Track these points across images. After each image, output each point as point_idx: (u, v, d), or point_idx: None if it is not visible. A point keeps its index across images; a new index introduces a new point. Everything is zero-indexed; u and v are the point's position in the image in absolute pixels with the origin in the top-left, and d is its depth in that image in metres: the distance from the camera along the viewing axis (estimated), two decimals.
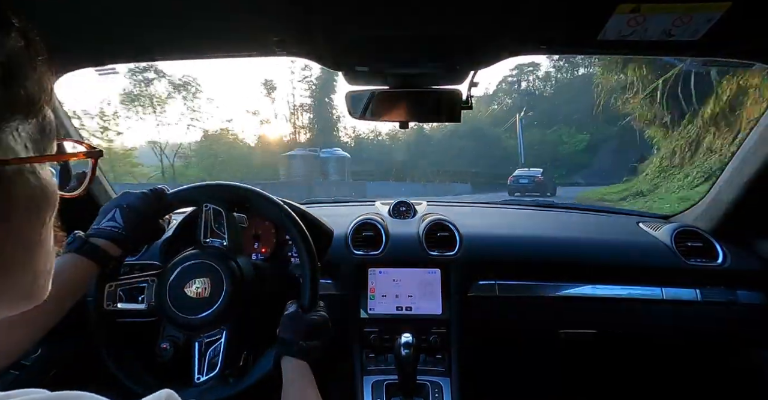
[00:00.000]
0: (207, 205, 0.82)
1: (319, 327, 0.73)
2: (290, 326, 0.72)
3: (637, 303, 1.13)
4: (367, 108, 0.97)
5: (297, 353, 0.69)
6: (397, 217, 1.37)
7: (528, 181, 15.59)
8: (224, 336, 0.75)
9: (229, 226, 0.82)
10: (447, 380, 1.05)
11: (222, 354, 0.74)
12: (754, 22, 0.68)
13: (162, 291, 0.77)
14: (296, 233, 0.81)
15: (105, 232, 0.71)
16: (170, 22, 0.71)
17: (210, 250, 0.81)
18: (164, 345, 0.76)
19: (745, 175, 1.08)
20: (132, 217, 0.74)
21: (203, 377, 0.74)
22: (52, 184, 0.30)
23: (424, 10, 0.67)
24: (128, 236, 0.73)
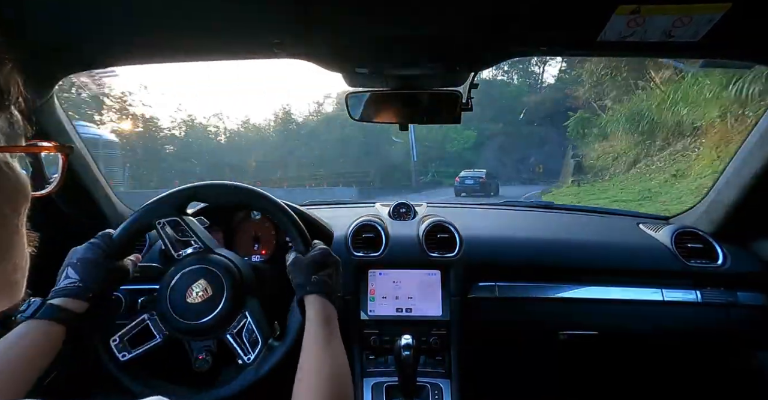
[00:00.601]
0: (159, 222, 0.81)
1: (323, 259, 0.76)
2: (295, 270, 0.75)
3: (637, 305, 1.13)
4: (367, 109, 0.97)
5: (311, 289, 0.71)
6: (397, 218, 1.37)
7: (473, 182, 16.15)
8: (249, 317, 0.77)
9: (192, 229, 0.82)
10: (447, 381, 1.05)
11: (257, 330, 0.76)
12: (754, 23, 0.68)
13: (168, 316, 0.76)
14: (255, 195, 0.82)
15: (62, 290, 0.69)
16: (170, 25, 0.71)
17: (189, 257, 0.80)
18: (201, 357, 0.77)
19: (745, 176, 1.08)
20: (86, 268, 0.72)
21: (252, 355, 0.75)
22: (25, 179, 0.31)
23: (423, 12, 0.67)
24: (88, 286, 0.70)
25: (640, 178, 10.79)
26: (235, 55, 0.90)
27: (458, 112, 0.94)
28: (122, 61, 0.90)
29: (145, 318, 0.78)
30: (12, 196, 0.30)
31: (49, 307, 0.66)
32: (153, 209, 0.81)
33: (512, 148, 23.57)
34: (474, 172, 17.21)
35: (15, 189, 0.30)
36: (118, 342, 0.77)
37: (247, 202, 0.85)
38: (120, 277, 0.77)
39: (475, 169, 17.78)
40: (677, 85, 10.04)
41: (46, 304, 0.67)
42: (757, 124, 1.04)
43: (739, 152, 1.10)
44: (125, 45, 0.81)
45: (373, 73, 0.88)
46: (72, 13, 0.65)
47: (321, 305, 0.70)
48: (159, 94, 49.59)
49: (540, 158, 23.18)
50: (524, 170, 23.13)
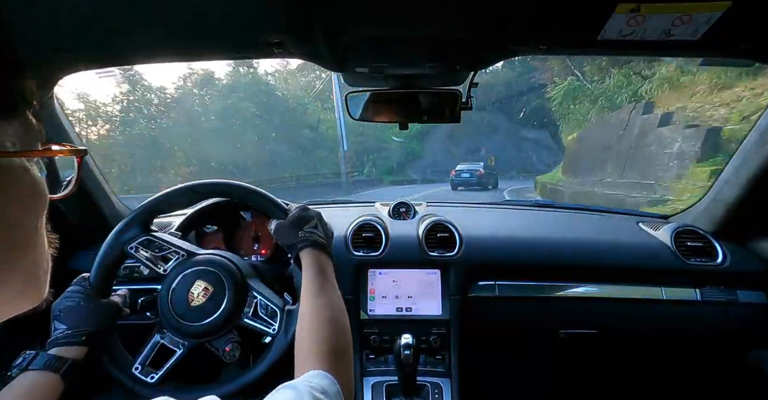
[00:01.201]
0: (130, 246, 0.81)
1: (302, 215, 0.78)
2: (281, 234, 0.77)
3: (637, 303, 1.13)
4: (366, 109, 0.97)
5: (302, 244, 0.74)
6: (397, 218, 1.37)
7: (470, 175, 15.81)
8: (258, 295, 0.79)
9: (166, 241, 0.82)
10: (447, 380, 1.05)
11: (270, 302, 0.78)
12: (754, 21, 0.68)
13: (181, 328, 0.77)
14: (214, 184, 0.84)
15: (54, 341, 0.70)
16: (169, 24, 0.71)
17: (174, 268, 0.81)
18: (227, 348, 0.77)
19: (745, 175, 1.08)
20: (70, 315, 0.72)
21: (275, 325, 0.77)
22: (42, 182, 0.32)
23: (423, 11, 0.67)
24: (77, 331, 0.71)
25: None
26: (235, 55, 0.89)
27: (458, 111, 0.94)
28: (122, 61, 0.90)
29: (158, 339, 0.78)
30: (31, 200, 0.30)
31: (43, 357, 0.67)
32: (119, 236, 0.81)
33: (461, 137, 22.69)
34: (470, 165, 16.83)
35: (34, 192, 0.31)
36: (140, 369, 0.77)
37: (210, 195, 0.87)
38: (110, 315, 0.77)
39: (471, 162, 17.49)
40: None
41: (40, 354, 0.67)
42: (757, 124, 1.04)
43: (738, 151, 1.11)
44: (124, 45, 0.80)
45: (373, 72, 0.88)
46: (71, 13, 0.65)
47: (313, 256, 0.72)
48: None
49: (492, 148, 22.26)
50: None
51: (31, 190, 0.30)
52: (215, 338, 0.78)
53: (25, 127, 0.30)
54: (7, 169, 0.28)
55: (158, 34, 0.75)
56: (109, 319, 0.77)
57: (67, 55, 0.82)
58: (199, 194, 0.86)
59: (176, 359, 0.77)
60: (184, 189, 0.84)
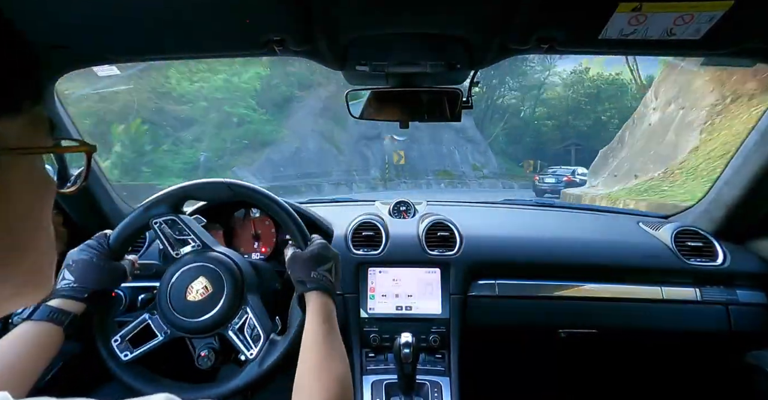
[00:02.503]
0: (156, 221, 0.81)
1: (321, 253, 0.75)
2: (294, 266, 0.74)
3: (637, 303, 1.13)
4: (367, 107, 0.97)
5: (311, 285, 0.71)
6: (397, 216, 1.37)
7: (556, 181, 14.13)
8: (250, 313, 0.77)
9: (189, 227, 0.82)
10: (446, 379, 1.05)
11: (258, 325, 0.76)
12: (756, 21, 0.68)
13: (168, 314, 0.77)
14: (252, 193, 0.82)
15: (58, 292, 0.70)
16: (170, 22, 0.71)
17: (187, 256, 0.81)
18: (203, 354, 0.77)
19: (745, 175, 1.08)
20: (81, 269, 0.73)
21: (254, 350, 0.75)
22: (49, 179, 0.32)
23: (424, 10, 0.67)
24: (84, 287, 0.71)
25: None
26: (236, 53, 0.89)
27: (459, 110, 0.94)
28: (122, 58, 0.90)
29: (146, 318, 0.79)
30: (39, 194, 0.31)
31: (45, 308, 0.67)
32: (149, 209, 0.82)
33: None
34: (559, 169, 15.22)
35: (41, 188, 0.31)
36: (119, 342, 0.77)
37: (243, 199, 0.85)
38: (117, 277, 0.78)
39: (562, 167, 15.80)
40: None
41: (42, 305, 0.67)
42: (757, 124, 1.04)
43: (739, 151, 1.10)
44: (125, 42, 0.80)
45: (374, 71, 0.88)
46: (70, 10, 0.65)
47: (321, 302, 0.69)
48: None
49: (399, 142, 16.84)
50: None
51: (37, 185, 0.31)
52: (196, 338, 0.78)
53: (32, 122, 0.30)
54: (12, 165, 0.28)
55: (158, 31, 0.75)
56: (115, 281, 0.78)
57: (67, 53, 0.82)
58: (234, 194, 0.84)
59: (154, 345, 0.77)
60: (222, 184, 0.83)
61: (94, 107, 9.72)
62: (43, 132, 0.31)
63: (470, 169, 20.37)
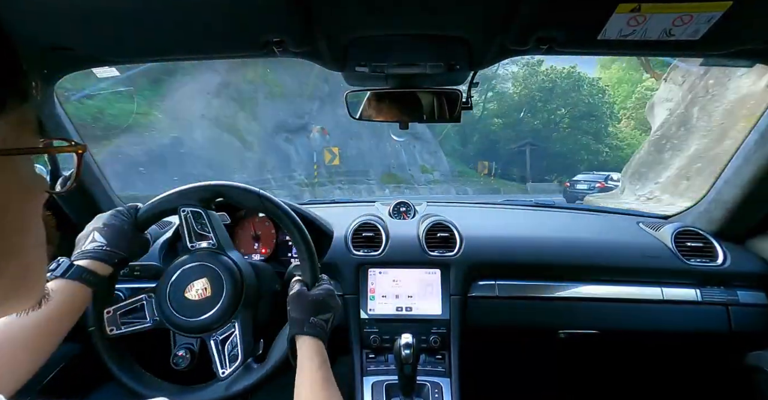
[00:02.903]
0: (184, 209, 0.81)
1: (326, 301, 0.74)
2: (297, 305, 0.73)
3: (637, 303, 1.13)
4: (367, 108, 0.97)
5: (308, 330, 0.69)
6: (397, 217, 1.37)
7: (587, 187, 13.06)
8: (237, 329, 0.76)
9: (212, 223, 0.82)
10: (447, 380, 1.05)
11: (240, 345, 0.75)
12: (755, 21, 0.68)
13: (163, 303, 0.77)
14: (282, 215, 0.80)
15: (89, 252, 0.71)
16: (169, 23, 0.71)
17: (200, 252, 0.81)
18: (180, 353, 0.77)
19: (745, 176, 1.08)
20: (112, 233, 0.74)
21: (228, 370, 0.74)
22: (36, 180, 0.31)
23: (424, 10, 0.67)
24: (113, 252, 0.72)
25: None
26: (236, 54, 0.89)
27: (458, 110, 0.94)
28: (123, 59, 0.90)
29: (142, 298, 0.79)
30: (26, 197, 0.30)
31: (78, 268, 0.68)
32: (183, 195, 0.82)
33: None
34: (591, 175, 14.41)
35: (30, 190, 0.30)
36: (111, 314, 0.77)
37: (268, 214, 0.83)
38: (142, 249, 0.80)
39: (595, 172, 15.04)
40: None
41: (75, 265, 0.68)
42: (757, 124, 1.04)
43: (738, 151, 1.10)
44: (124, 43, 0.81)
45: (373, 72, 0.88)
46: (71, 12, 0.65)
47: (316, 349, 0.68)
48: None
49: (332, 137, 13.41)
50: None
51: (24, 188, 0.30)
52: (180, 335, 0.78)
53: (19, 122, 0.29)
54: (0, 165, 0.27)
55: (158, 32, 0.75)
56: (140, 252, 0.80)
57: (67, 54, 0.82)
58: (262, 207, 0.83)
59: (140, 327, 0.78)
60: (254, 194, 0.82)
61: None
62: (31, 132, 0.30)
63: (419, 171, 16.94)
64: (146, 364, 0.79)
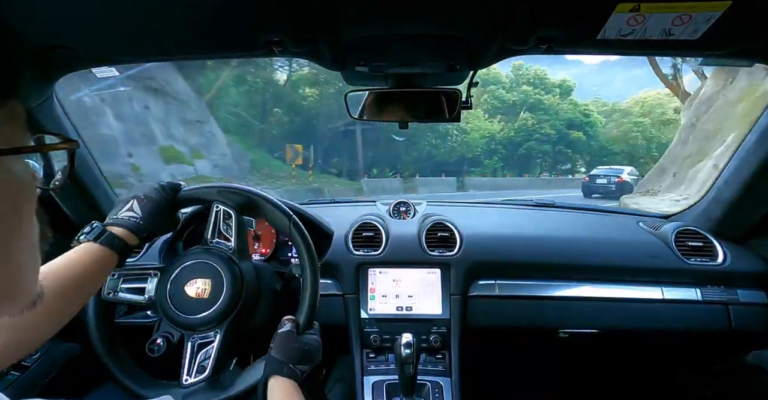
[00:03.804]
0: (218, 205, 0.82)
1: (311, 352, 0.72)
2: (283, 347, 0.71)
3: (637, 303, 1.13)
4: (366, 108, 0.97)
5: (286, 374, 0.68)
6: (397, 217, 1.37)
7: (607, 182, 13.00)
8: (217, 339, 0.75)
9: (237, 228, 0.82)
10: (447, 379, 1.05)
11: (213, 358, 0.74)
12: (754, 21, 0.68)
13: (162, 286, 0.77)
14: (303, 249, 0.79)
15: (123, 221, 0.72)
16: (169, 23, 0.71)
17: (215, 251, 0.81)
18: (158, 340, 0.76)
19: (745, 175, 1.08)
20: (149, 207, 0.74)
21: (191, 380, 0.73)
22: (27, 179, 0.30)
23: (424, 10, 0.67)
24: (146, 226, 0.73)
25: None
26: (235, 54, 0.90)
27: (458, 110, 0.94)
28: (122, 59, 0.90)
29: (149, 273, 0.80)
30: (17, 198, 0.29)
31: (110, 234, 0.69)
32: (224, 192, 0.82)
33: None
34: (609, 169, 14.11)
35: (21, 190, 0.29)
36: (115, 277, 0.79)
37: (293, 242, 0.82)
38: (171, 226, 0.81)
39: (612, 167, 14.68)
40: None
41: (108, 231, 0.69)
42: (757, 123, 1.04)
43: (738, 151, 1.10)
44: (124, 43, 0.81)
45: (373, 71, 0.88)
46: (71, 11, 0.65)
47: (292, 390, 0.66)
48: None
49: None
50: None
51: (15, 189, 0.28)
52: (164, 323, 0.78)
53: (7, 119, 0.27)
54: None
55: (158, 32, 0.75)
56: (169, 229, 0.82)
57: (67, 53, 0.82)
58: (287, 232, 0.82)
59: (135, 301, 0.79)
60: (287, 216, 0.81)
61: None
62: (20, 129, 0.29)
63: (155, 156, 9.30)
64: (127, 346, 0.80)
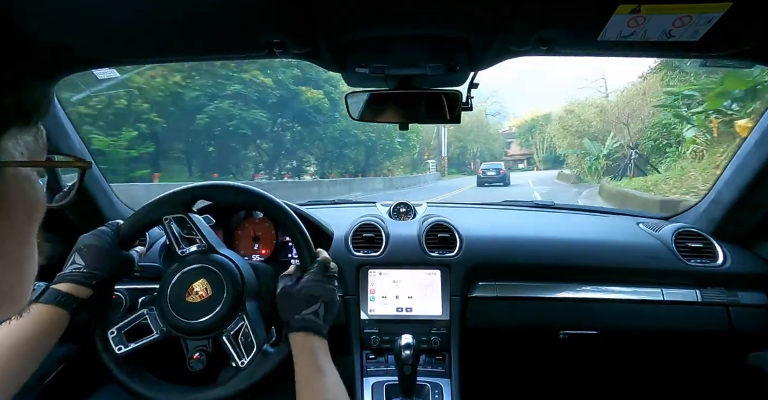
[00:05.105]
0: (166, 218, 0.80)
1: (309, 293, 0.72)
2: (281, 305, 0.73)
3: (638, 304, 1.13)
4: (366, 109, 0.97)
5: (295, 326, 0.69)
6: (397, 218, 1.37)
7: (495, 173, 18.75)
8: (246, 320, 0.76)
9: (197, 226, 0.81)
10: (447, 381, 1.05)
11: (253, 334, 0.75)
12: (755, 22, 0.68)
13: (166, 312, 0.76)
14: (259, 198, 0.80)
15: (67, 275, 0.70)
16: (169, 25, 0.71)
17: (191, 255, 0.80)
18: (195, 356, 0.76)
19: (745, 176, 1.08)
20: (91, 254, 0.73)
21: (246, 359, 0.74)
22: (42, 193, 0.31)
23: (424, 11, 0.67)
24: (92, 273, 0.71)
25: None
26: (235, 55, 0.90)
27: (458, 111, 0.94)
28: (123, 60, 0.90)
29: (144, 313, 0.78)
30: (29, 210, 0.30)
31: (53, 291, 0.67)
32: (162, 204, 0.81)
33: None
34: (494, 164, 20.39)
35: (33, 203, 0.30)
36: (115, 335, 0.77)
37: (250, 204, 0.84)
38: (126, 266, 0.78)
39: (494, 162, 21.46)
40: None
41: (50, 289, 0.67)
42: (758, 124, 1.04)
43: (739, 152, 1.10)
44: (123, 44, 0.81)
45: (373, 72, 0.88)
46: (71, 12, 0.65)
47: (306, 344, 0.68)
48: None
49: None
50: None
51: (32, 201, 0.30)
52: (191, 339, 0.78)
53: (35, 137, 0.30)
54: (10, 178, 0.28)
55: (158, 33, 0.75)
56: (123, 270, 0.78)
57: (66, 55, 0.82)
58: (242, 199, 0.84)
59: (149, 341, 0.77)
60: (231, 188, 0.82)
61: None
62: (42, 146, 0.31)
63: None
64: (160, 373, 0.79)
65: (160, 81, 13.06)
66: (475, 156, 41.32)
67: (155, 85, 12.85)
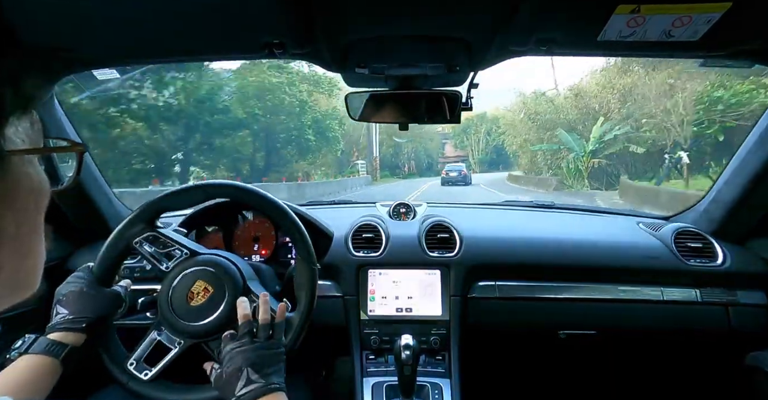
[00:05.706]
0: (136, 241, 0.80)
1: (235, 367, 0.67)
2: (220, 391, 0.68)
3: (637, 304, 1.13)
4: (366, 109, 0.97)
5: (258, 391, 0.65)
6: (397, 218, 1.37)
7: (458, 174, 20.39)
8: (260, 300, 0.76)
9: (172, 238, 0.81)
10: (447, 381, 1.05)
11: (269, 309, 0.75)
12: (754, 22, 0.68)
13: (178, 327, 0.76)
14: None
15: (55, 324, 0.70)
16: (170, 25, 0.71)
17: (178, 266, 0.80)
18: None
19: (745, 176, 1.08)
20: (72, 299, 0.72)
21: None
22: (45, 178, 0.32)
23: (424, 12, 0.67)
24: (79, 317, 0.71)
25: None
26: (235, 56, 0.90)
27: (458, 111, 0.94)
28: (123, 61, 0.90)
29: (155, 336, 0.78)
30: (36, 196, 0.31)
31: (43, 341, 0.67)
32: (126, 230, 0.80)
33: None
34: (456, 166, 22.26)
35: (39, 188, 0.31)
36: (135, 365, 0.77)
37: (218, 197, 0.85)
38: (112, 303, 0.77)
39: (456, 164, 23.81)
40: None
41: (39, 339, 0.67)
42: (757, 124, 1.04)
43: (738, 152, 1.11)
44: (124, 45, 0.81)
45: (373, 73, 0.88)
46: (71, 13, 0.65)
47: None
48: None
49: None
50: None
51: (37, 187, 0.31)
52: (212, 339, 0.77)
53: (32, 124, 0.30)
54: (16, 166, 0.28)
55: (158, 33, 0.75)
56: (109, 308, 0.77)
57: (67, 55, 0.82)
58: (207, 195, 0.84)
59: (171, 357, 0.77)
60: (197, 189, 0.83)
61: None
62: (40, 133, 0.32)
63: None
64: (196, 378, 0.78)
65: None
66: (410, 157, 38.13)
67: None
